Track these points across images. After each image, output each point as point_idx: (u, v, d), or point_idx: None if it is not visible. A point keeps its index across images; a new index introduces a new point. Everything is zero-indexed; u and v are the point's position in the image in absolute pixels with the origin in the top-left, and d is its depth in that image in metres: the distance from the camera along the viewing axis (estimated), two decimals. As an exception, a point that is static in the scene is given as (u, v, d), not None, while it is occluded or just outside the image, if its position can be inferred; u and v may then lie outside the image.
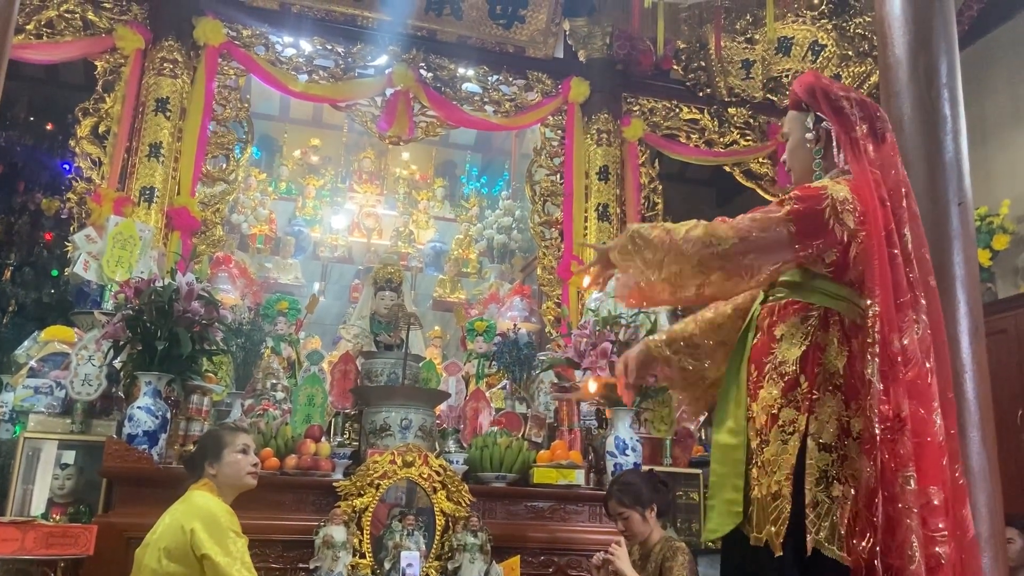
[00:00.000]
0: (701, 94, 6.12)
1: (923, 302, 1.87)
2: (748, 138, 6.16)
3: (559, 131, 5.88)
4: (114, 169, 4.76)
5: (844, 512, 1.78)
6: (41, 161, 6.75)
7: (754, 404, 1.97)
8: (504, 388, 4.76)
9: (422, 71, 5.61)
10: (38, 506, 3.48)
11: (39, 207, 6.53)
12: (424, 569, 3.41)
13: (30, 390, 3.68)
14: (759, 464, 1.91)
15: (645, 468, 3.86)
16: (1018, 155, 5.83)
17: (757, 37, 5.98)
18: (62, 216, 5.83)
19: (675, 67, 6.08)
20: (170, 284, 3.62)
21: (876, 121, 2.01)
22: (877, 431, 1.74)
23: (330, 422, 4.13)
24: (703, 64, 6.06)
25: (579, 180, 5.70)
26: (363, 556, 3.40)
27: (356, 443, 3.97)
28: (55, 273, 6.04)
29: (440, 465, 3.63)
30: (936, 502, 1.73)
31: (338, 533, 3.30)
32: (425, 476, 3.56)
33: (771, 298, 2.05)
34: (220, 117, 5.23)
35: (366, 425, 3.93)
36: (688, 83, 6.13)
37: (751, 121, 6.19)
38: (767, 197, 5.86)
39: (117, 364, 3.73)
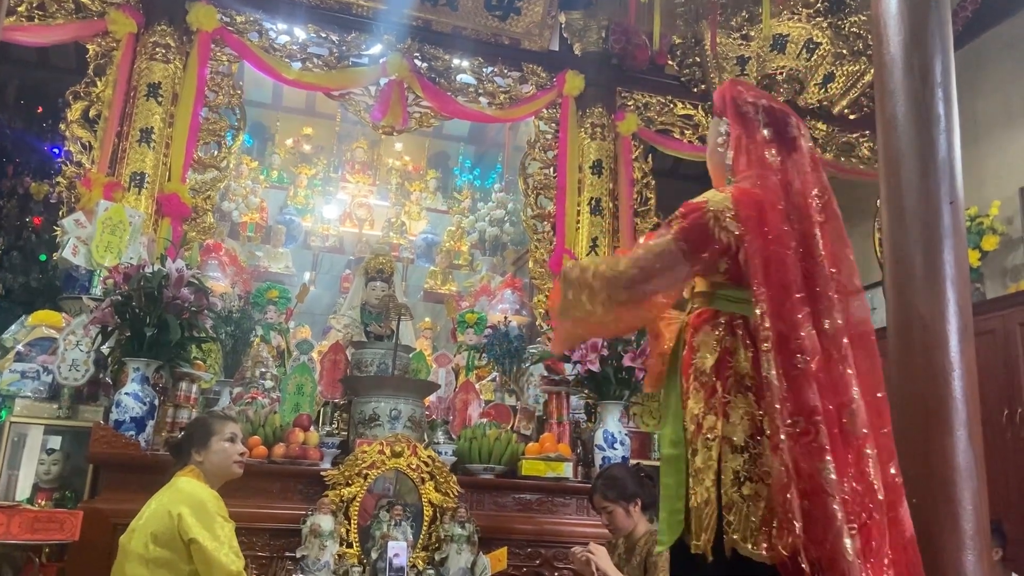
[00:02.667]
0: (696, 90, 6.11)
1: (834, 297, 1.91)
2: (741, 135, 6.16)
3: (553, 124, 5.86)
4: (104, 154, 4.71)
5: (757, 510, 1.82)
6: (31, 145, 6.71)
7: (686, 415, 2.02)
8: (494, 380, 4.76)
9: (417, 61, 5.58)
10: (23, 491, 3.46)
11: (28, 191, 6.51)
12: (411, 559, 3.41)
13: (17, 374, 3.67)
14: (692, 473, 1.96)
15: (632, 462, 3.88)
16: (1009, 157, 5.85)
17: (752, 34, 5.97)
18: (51, 200, 5.78)
19: (670, 62, 6.07)
20: (159, 270, 3.60)
21: (785, 128, 2.07)
22: (782, 426, 1.77)
23: (319, 411, 4.13)
24: (698, 60, 6.05)
25: (572, 174, 5.68)
26: (350, 546, 3.40)
27: (345, 433, 3.96)
28: (43, 257, 6.02)
29: (429, 456, 3.63)
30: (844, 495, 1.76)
31: (325, 522, 3.30)
32: (413, 467, 3.56)
33: (690, 311, 2.12)
34: (212, 103, 5.18)
35: (355, 415, 3.92)
36: (683, 79, 6.12)
37: (745, 118, 6.19)
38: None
39: (105, 350, 3.71)
